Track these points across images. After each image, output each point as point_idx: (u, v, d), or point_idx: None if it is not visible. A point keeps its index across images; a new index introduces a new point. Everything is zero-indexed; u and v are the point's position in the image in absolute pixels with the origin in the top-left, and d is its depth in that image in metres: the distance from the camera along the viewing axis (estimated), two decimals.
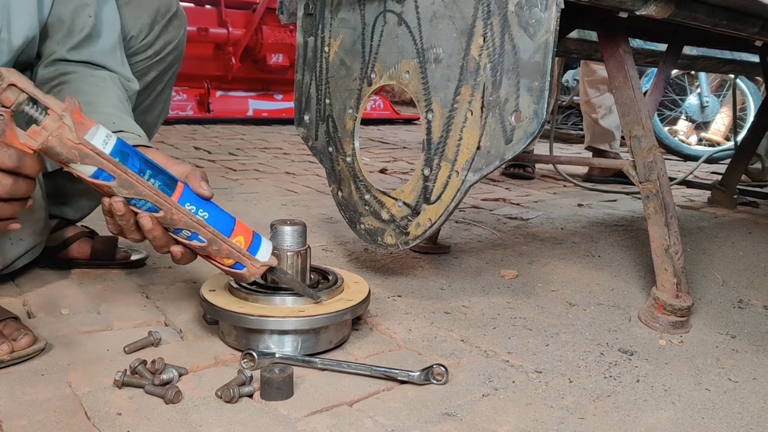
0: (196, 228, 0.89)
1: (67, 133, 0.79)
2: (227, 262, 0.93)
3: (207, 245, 0.90)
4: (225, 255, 0.92)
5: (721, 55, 2.11)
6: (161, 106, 1.36)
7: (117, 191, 0.84)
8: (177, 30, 1.27)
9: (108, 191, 0.84)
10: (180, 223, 0.88)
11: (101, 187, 0.84)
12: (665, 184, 1.18)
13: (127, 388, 0.84)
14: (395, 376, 0.91)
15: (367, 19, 1.24)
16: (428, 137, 1.14)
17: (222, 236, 0.91)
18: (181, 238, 0.90)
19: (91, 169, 0.82)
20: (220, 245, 0.90)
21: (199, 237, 0.89)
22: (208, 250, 0.91)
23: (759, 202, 2.49)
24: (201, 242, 0.90)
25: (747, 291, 1.43)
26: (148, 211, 0.86)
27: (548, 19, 0.95)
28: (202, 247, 0.90)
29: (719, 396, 0.93)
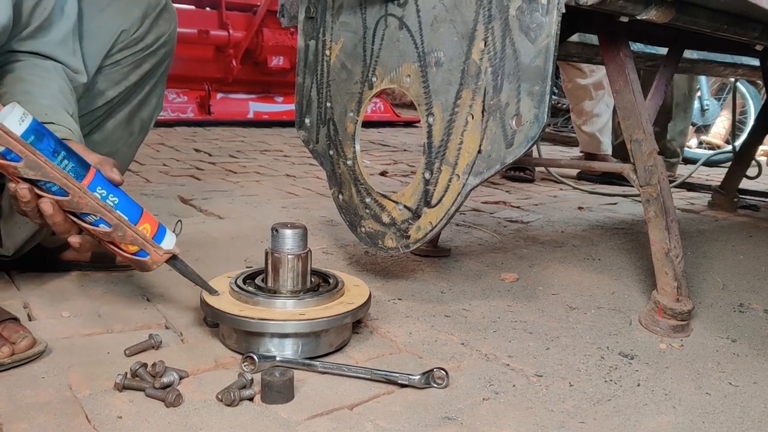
0: (102, 213, 0.89)
1: None
2: (131, 249, 0.94)
3: (112, 231, 0.91)
4: (129, 241, 0.93)
5: (721, 59, 2.11)
6: (156, 101, 1.36)
7: (23, 172, 0.84)
8: (168, 24, 1.29)
9: (13, 172, 0.84)
10: (86, 208, 0.88)
11: (6, 168, 0.84)
12: (666, 188, 1.18)
13: (128, 391, 0.84)
14: (396, 379, 0.91)
15: (368, 23, 1.25)
16: (429, 141, 1.14)
17: (128, 222, 0.92)
18: (86, 223, 0.90)
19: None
20: (125, 231, 0.92)
21: (105, 222, 0.90)
22: (112, 236, 0.91)
23: (759, 206, 2.49)
24: (107, 227, 0.90)
25: (747, 295, 1.43)
26: (56, 194, 0.87)
27: (549, 24, 0.95)
28: (107, 232, 0.91)
29: (720, 400, 0.93)
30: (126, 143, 1.34)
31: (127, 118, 1.32)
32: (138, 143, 1.38)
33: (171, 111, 4.41)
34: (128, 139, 1.34)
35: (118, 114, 1.30)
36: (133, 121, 1.33)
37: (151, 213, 0.97)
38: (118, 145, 1.32)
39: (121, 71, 1.25)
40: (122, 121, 1.31)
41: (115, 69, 1.24)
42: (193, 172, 2.64)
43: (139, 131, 1.36)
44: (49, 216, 0.88)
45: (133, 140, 1.36)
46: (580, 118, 3.12)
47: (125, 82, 1.26)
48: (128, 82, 1.27)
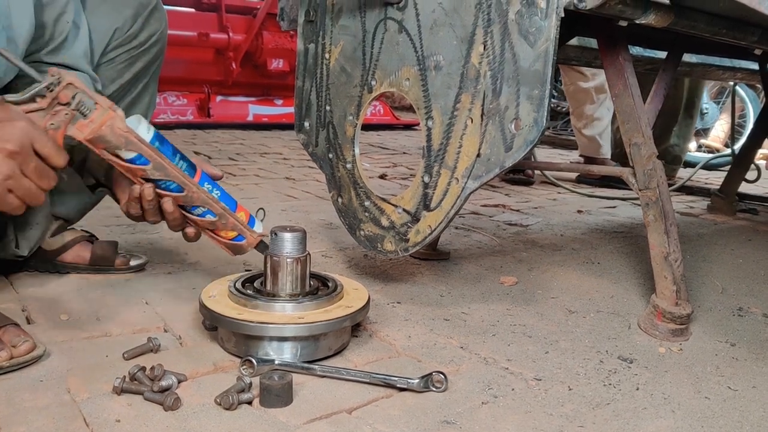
0: (210, 205, 1.00)
1: (119, 123, 0.91)
2: (230, 235, 1.03)
3: (217, 220, 1.01)
4: (230, 228, 1.02)
5: (720, 63, 2.12)
6: (148, 99, 1.37)
7: (150, 174, 0.95)
8: (159, 22, 1.31)
9: (141, 174, 0.95)
10: (198, 201, 0.99)
11: (135, 171, 0.95)
12: (665, 192, 1.18)
13: (126, 394, 0.84)
14: (394, 383, 0.91)
15: (367, 27, 1.25)
16: (428, 144, 1.15)
17: (230, 211, 1.02)
18: (195, 215, 1.00)
19: (130, 155, 0.93)
20: (228, 219, 1.01)
21: (212, 212, 1.00)
22: (216, 224, 1.01)
23: (758, 209, 2.49)
24: (213, 217, 1.01)
25: (746, 299, 1.43)
26: (174, 191, 0.97)
27: (548, 28, 0.95)
28: (213, 222, 1.01)
29: (719, 404, 0.93)
30: None
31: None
32: None
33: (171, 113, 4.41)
34: None
35: None
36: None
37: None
38: None
39: (114, 69, 1.26)
40: None
41: (110, 67, 1.26)
42: None
43: None
44: (170, 213, 0.99)
45: None
46: (580, 122, 3.11)
47: (119, 80, 1.28)
48: (122, 80, 1.28)
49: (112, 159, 0.94)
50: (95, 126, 0.89)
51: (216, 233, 1.03)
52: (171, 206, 0.98)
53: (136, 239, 1.59)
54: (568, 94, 3.15)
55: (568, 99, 3.18)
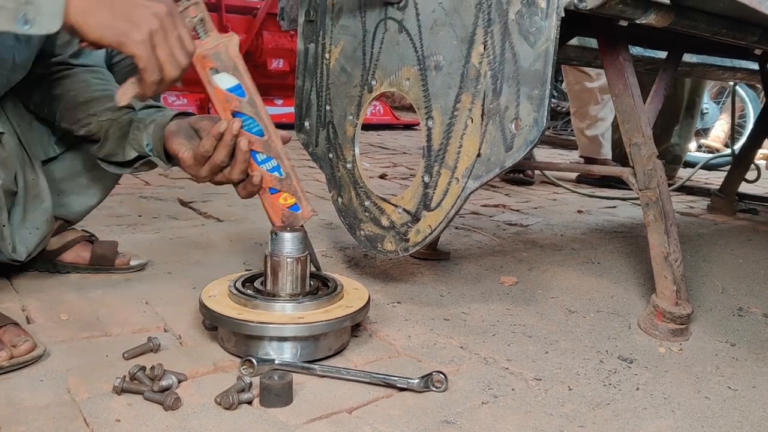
0: (282, 159, 0.98)
1: (233, 46, 0.96)
2: (289, 201, 1.01)
3: (284, 179, 0.99)
4: (292, 192, 1.01)
5: (720, 63, 2.12)
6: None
7: (243, 107, 0.97)
8: None
9: (234, 106, 0.97)
10: (273, 152, 0.98)
11: (230, 101, 0.97)
12: (665, 192, 1.18)
13: (126, 394, 0.84)
14: (394, 383, 0.91)
15: (367, 26, 1.25)
16: (428, 144, 1.15)
17: (296, 173, 1.00)
18: (264, 168, 0.99)
19: (232, 82, 0.96)
20: (292, 181, 1.00)
21: (281, 170, 0.99)
22: (282, 184, 1.00)
23: (758, 209, 2.49)
24: (280, 175, 0.99)
25: (746, 299, 1.43)
26: (255, 134, 0.98)
27: (549, 28, 0.95)
28: (279, 180, 0.99)
29: (719, 404, 0.93)
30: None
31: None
32: None
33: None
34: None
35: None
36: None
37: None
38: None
39: (121, 72, 1.25)
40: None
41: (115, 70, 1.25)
42: None
43: None
44: (243, 151, 0.98)
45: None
46: (583, 122, 3.10)
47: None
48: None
49: (212, 84, 0.97)
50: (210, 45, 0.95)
51: (275, 197, 1.01)
52: (246, 145, 0.98)
53: (136, 239, 1.59)
54: (572, 94, 3.14)
55: (571, 99, 3.17)
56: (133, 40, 0.85)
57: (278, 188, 1.01)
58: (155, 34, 0.86)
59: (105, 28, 0.84)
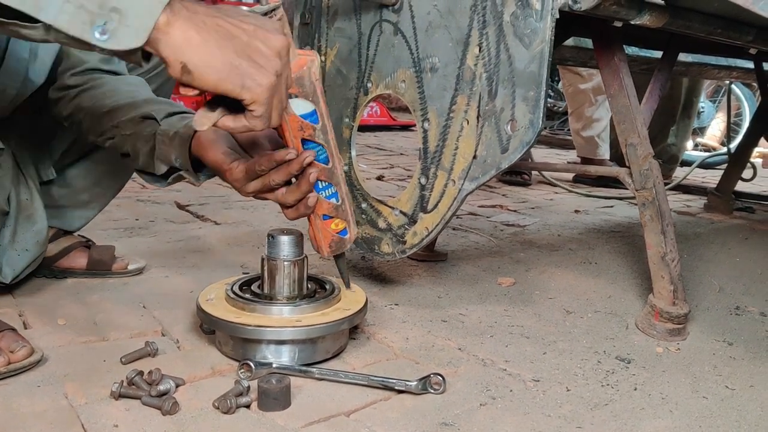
0: (341, 185, 0.93)
1: (316, 68, 0.86)
2: (340, 227, 0.96)
3: (340, 204, 0.94)
4: (343, 217, 0.95)
5: (716, 62, 2.12)
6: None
7: (316, 135, 0.89)
8: None
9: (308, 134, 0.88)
10: (335, 179, 0.91)
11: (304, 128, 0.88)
12: (661, 192, 1.19)
13: (124, 399, 0.84)
14: (392, 385, 0.91)
15: (363, 29, 1.25)
16: (425, 146, 1.15)
17: (350, 197, 0.95)
18: (322, 195, 0.94)
19: (308, 108, 0.87)
20: (346, 207, 0.94)
21: (338, 196, 0.93)
22: (337, 210, 0.94)
23: (755, 208, 2.50)
24: (336, 201, 0.93)
25: (743, 298, 1.43)
26: (321, 161, 0.91)
27: (543, 29, 0.95)
28: (335, 206, 0.94)
29: (716, 404, 0.93)
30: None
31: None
32: None
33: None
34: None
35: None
36: None
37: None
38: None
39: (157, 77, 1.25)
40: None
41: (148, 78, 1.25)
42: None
43: None
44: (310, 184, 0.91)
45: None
46: (578, 123, 3.11)
47: None
48: None
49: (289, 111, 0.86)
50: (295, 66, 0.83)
51: (327, 223, 0.95)
52: (315, 178, 0.90)
53: (133, 243, 1.59)
54: (568, 96, 3.15)
55: (567, 101, 3.18)
56: (258, 86, 0.71)
57: (333, 215, 0.95)
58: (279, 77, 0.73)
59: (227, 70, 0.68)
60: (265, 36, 0.72)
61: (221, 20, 0.69)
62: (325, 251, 1.00)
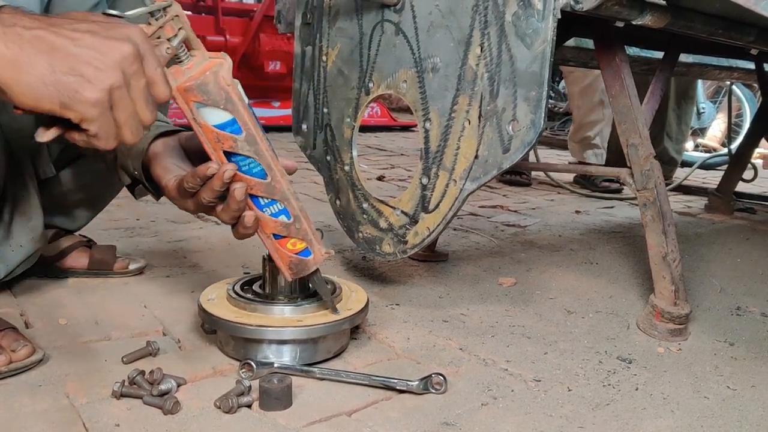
0: (289, 201, 0.83)
1: (225, 72, 0.75)
2: (298, 247, 0.86)
3: (292, 222, 0.84)
4: (301, 237, 0.85)
5: (717, 63, 2.12)
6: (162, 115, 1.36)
7: (239, 147, 0.78)
8: None
9: (228, 146, 0.79)
10: (278, 194, 0.82)
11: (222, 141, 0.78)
12: (662, 192, 1.19)
13: (126, 398, 0.84)
14: (394, 385, 0.91)
15: (364, 29, 1.25)
16: (426, 146, 1.15)
17: (306, 214, 0.84)
18: (267, 213, 0.83)
19: (223, 117, 0.77)
20: (302, 224, 0.85)
21: (288, 212, 0.83)
22: (289, 229, 0.84)
23: (756, 209, 2.50)
24: (287, 219, 0.83)
25: (745, 298, 1.43)
26: (256, 176, 0.81)
27: (545, 29, 0.95)
28: (286, 225, 0.84)
29: (718, 404, 0.93)
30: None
31: None
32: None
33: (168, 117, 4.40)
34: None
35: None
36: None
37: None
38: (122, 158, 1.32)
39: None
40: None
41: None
42: None
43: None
44: (238, 201, 0.81)
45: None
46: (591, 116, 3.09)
47: None
48: None
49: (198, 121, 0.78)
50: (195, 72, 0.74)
51: (281, 243, 0.85)
52: (242, 194, 0.81)
53: (135, 243, 1.59)
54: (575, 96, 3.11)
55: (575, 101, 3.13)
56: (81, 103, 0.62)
57: (284, 234, 0.86)
58: (116, 91, 0.64)
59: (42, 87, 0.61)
60: (102, 45, 0.63)
61: (44, 31, 0.62)
62: (287, 274, 0.91)
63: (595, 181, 2.83)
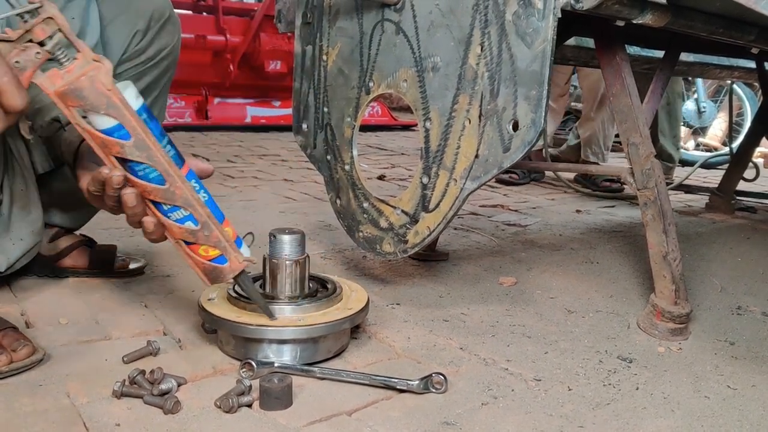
0: (194, 207, 0.82)
1: (103, 77, 0.74)
2: (211, 254, 0.85)
3: (199, 229, 0.83)
4: (212, 243, 0.84)
5: (718, 62, 2.12)
6: (157, 112, 1.36)
7: (128, 152, 0.77)
8: (171, 35, 1.28)
9: (117, 151, 0.77)
10: (180, 200, 0.81)
11: (110, 146, 0.77)
12: (663, 191, 1.19)
13: (126, 398, 0.84)
14: (394, 385, 0.91)
15: (365, 28, 1.25)
16: (426, 145, 1.15)
17: (216, 221, 0.84)
18: (172, 218, 0.82)
19: (108, 123, 0.75)
20: (212, 231, 0.83)
21: (194, 218, 0.82)
22: (197, 235, 0.83)
23: (757, 208, 2.50)
24: (194, 225, 0.82)
25: (745, 297, 1.43)
26: (153, 182, 0.80)
27: (545, 29, 0.95)
28: (193, 231, 0.83)
29: (718, 403, 0.93)
30: None
31: None
32: None
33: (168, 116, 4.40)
34: None
35: None
36: None
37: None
38: None
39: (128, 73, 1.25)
40: None
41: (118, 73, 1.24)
42: None
43: None
44: (129, 206, 0.81)
45: None
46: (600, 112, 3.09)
47: None
48: None
49: (82, 126, 0.76)
50: (77, 74, 0.72)
51: (193, 249, 0.85)
52: (133, 200, 0.81)
53: (135, 242, 1.59)
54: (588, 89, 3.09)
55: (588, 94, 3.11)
56: None
57: (192, 240, 0.84)
58: None
59: None
60: None
61: None
62: (204, 279, 0.89)
63: (596, 180, 2.83)
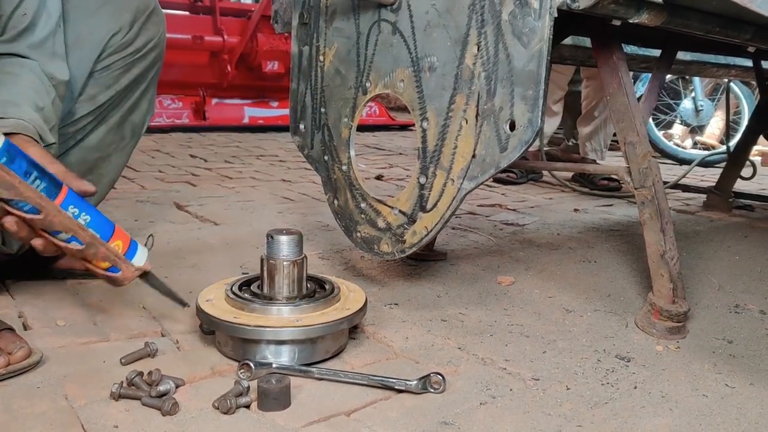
0: (75, 231, 0.90)
1: None
2: (103, 265, 0.94)
3: (84, 248, 0.91)
4: (101, 258, 0.93)
5: (714, 60, 2.12)
6: (147, 105, 1.36)
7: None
8: (156, 27, 1.29)
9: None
10: (59, 226, 0.89)
11: None
12: (660, 190, 1.19)
13: (124, 400, 0.84)
14: (392, 385, 0.91)
15: (361, 29, 1.25)
16: (423, 146, 1.15)
17: (100, 240, 0.92)
18: (59, 240, 0.90)
19: None
20: (97, 249, 0.92)
21: (78, 240, 0.90)
22: (85, 253, 0.92)
23: (754, 206, 2.50)
24: (79, 245, 0.91)
25: (743, 296, 1.43)
26: (30, 212, 0.87)
27: (542, 28, 0.95)
28: (80, 249, 0.91)
29: (717, 402, 0.94)
30: (118, 148, 1.34)
31: (119, 123, 1.32)
32: (130, 148, 1.38)
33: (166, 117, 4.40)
34: (120, 143, 1.34)
35: (109, 119, 1.30)
36: (125, 126, 1.34)
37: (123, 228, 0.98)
38: (110, 149, 1.32)
39: (110, 75, 1.25)
40: (114, 126, 1.31)
41: (105, 73, 1.24)
42: (188, 178, 2.64)
43: (131, 136, 1.36)
44: (14, 233, 0.88)
45: (125, 145, 1.36)
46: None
47: (115, 86, 1.26)
48: (119, 86, 1.27)
49: None
50: None
51: (87, 262, 0.94)
52: (14, 226, 0.88)
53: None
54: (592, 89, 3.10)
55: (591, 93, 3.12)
56: None
57: (82, 257, 0.93)
58: None
59: None
60: None
61: None
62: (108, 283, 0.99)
63: (594, 179, 2.83)
